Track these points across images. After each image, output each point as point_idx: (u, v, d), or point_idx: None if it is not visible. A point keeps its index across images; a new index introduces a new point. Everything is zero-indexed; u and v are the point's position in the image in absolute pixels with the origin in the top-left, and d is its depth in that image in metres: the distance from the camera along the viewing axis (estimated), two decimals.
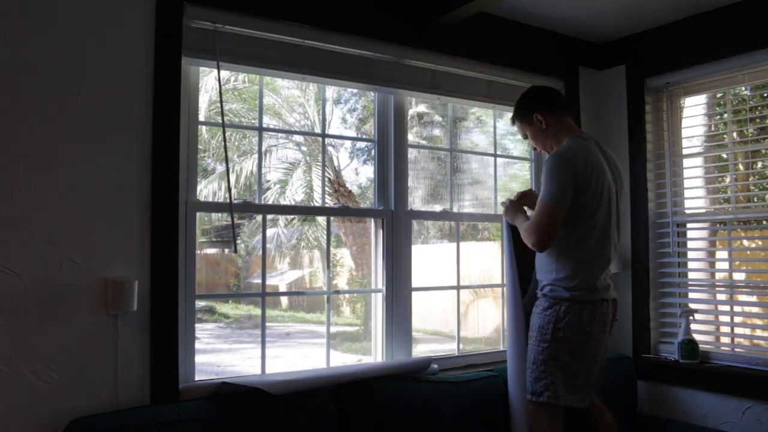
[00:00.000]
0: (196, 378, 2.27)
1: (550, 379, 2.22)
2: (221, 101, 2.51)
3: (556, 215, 2.18)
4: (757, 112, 3.03)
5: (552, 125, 2.39)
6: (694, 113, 3.27)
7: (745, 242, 3.52)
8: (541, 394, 2.23)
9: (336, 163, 10.22)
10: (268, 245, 10.72)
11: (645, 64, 3.19)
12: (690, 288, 3.11)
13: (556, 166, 2.22)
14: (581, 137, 2.38)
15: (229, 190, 2.42)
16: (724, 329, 3.11)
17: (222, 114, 2.48)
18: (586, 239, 2.26)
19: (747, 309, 3.11)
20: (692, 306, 3.02)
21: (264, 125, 7.28)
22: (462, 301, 3.20)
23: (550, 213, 2.18)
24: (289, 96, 9.69)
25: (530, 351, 2.29)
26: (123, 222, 2.08)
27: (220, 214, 8.77)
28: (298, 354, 8.30)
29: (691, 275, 3.12)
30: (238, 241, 9.85)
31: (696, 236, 3.18)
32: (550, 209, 2.18)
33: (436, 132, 10.00)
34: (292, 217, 10.03)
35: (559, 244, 2.25)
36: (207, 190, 9.38)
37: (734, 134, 3.20)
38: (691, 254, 3.16)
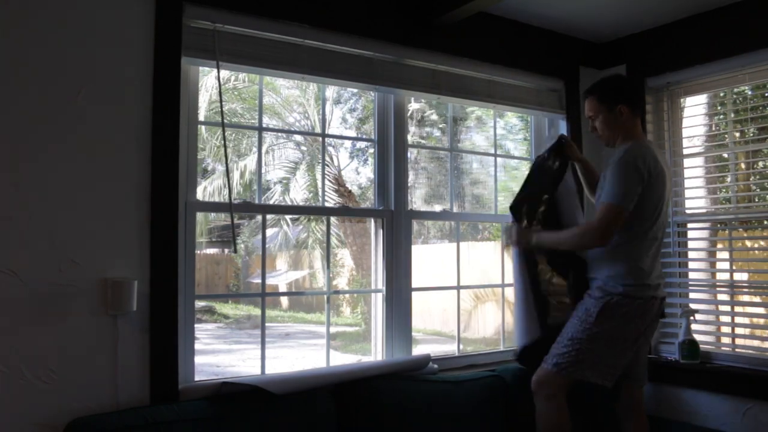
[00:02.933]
0: (196, 378, 2.27)
1: (579, 358, 2.31)
2: (221, 101, 2.52)
3: (619, 217, 2.28)
4: (758, 112, 3.03)
5: (627, 121, 2.46)
6: (694, 113, 3.26)
7: (747, 242, 3.52)
8: (564, 369, 2.32)
9: (336, 163, 10.23)
10: (271, 244, 10.73)
11: (645, 63, 3.19)
12: (690, 288, 3.11)
13: (626, 170, 2.31)
14: (645, 143, 2.47)
15: (229, 190, 2.42)
16: (725, 329, 3.11)
17: (222, 114, 2.47)
18: (643, 240, 2.35)
19: (748, 309, 3.11)
20: (693, 306, 3.01)
21: (264, 125, 7.29)
22: (462, 301, 3.20)
23: (614, 214, 2.27)
24: (289, 96, 9.69)
25: (569, 328, 2.38)
26: (123, 222, 2.07)
27: (220, 214, 8.80)
28: (297, 354, 8.30)
29: (692, 275, 3.12)
30: (238, 241, 9.85)
31: (697, 236, 3.18)
32: (615, 210, 2.27)
33: (436, 132, 10.01)
34: (296, 215, 10.04)
35: (616, 243, 2.34)
36: (207, 190, 9.38)
37: (735, 134, 3.20)
38: (691, 254, 3.16)
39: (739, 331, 3.04)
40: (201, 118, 7.86)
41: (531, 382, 2.40)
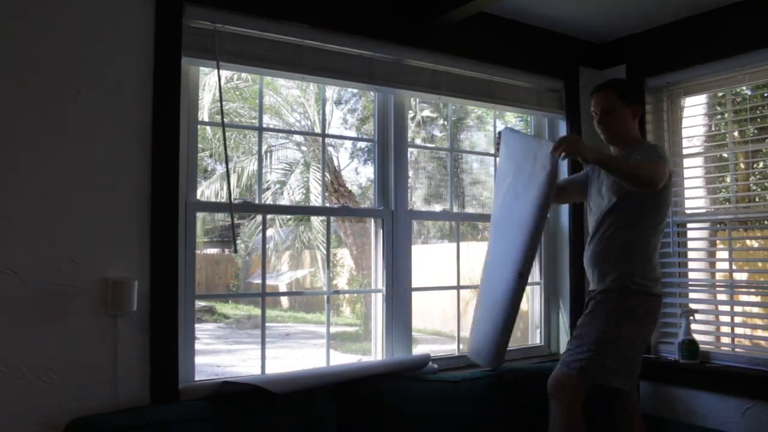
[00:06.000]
0: (196, 378, 2.27)
1: (603, 361, 2.27)
2: (221, 101, 2.52)
3: (664, 171, 2.26)
4: (758, 112, 3.03)
5: (634, 124, 2.52)
6: (694, 113, 3.26)
7: (747, 242, 3.52)
8: (591, 374, 2.27)
9: (336, 163, 10.23)
10: (268, 245, 10.72)
11: (645, 63, 3.19)
12: (690, 288, 3.11)
13: (658, 149, 2.37)
14: None
15: (229, 190, 2.42)
16: (725, 329, 3.11)
17: (222, 114, 2.48)
18: (657, 235, 2.39)
19: (747, 309, 3.11)
20: (692, 306, 3.02)
21: (264, 125, 7.29)
22: (462, 301, 3.20)
23: (657, 166, 2.24)
24: (290, 96, 9.69)
25: (591, 332, 2.31)
26: (123, 222, 2.08)
27: (221, 214, 8.79)
28: (297, 354, 8.30)
29: (692, 275, 3.12)
30: (238, 241, 9.85)
31: (696, 236, 3.18)
32: (657, 164, 2.26)
33: (436, 132, 10.01)
34: (288, 218, 10.00)
35: (636, 237, 2.36)
36: (209, 190, 9.38)
37: (735, 134, 3.20)
38: (691, 254, 3.16)
39: (738, 330, 3.04)
40: (205, 117, 7.86)
41: (548, 385, 2.33)
